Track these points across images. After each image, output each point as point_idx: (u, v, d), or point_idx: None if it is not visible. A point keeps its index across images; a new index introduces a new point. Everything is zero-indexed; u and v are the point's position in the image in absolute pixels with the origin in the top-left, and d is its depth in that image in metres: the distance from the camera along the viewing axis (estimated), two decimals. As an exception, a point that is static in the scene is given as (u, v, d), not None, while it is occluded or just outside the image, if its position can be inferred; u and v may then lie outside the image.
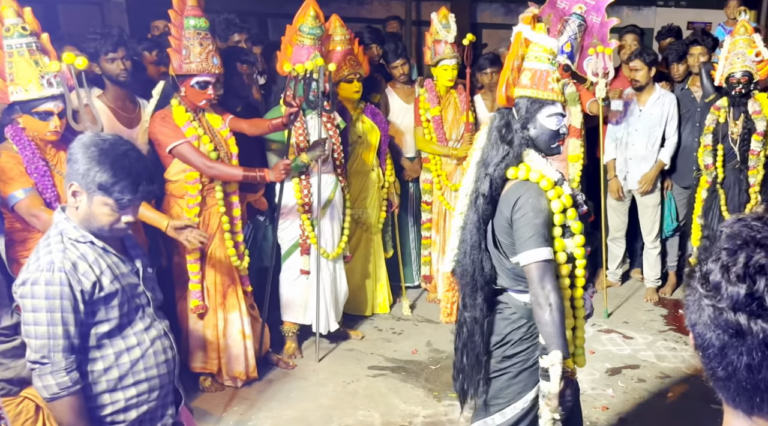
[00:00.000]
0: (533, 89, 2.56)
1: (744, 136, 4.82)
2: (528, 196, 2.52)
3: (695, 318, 1.05)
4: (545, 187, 2.53)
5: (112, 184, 2.21)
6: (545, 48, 2.58)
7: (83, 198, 2.24)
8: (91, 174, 2.20)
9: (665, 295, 5.77)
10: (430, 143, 5.34)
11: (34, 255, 2.24)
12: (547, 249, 2.48)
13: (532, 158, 2.59)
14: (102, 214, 2.25)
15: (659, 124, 5.42)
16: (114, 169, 2.21)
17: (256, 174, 4.04)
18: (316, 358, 4.70)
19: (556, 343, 2.45)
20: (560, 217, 2.54)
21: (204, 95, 3.98)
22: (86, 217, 2.26)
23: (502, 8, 10.01)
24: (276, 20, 10.10)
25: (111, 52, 4.03)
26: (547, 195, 2.53)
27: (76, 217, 2.28)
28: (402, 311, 5.43)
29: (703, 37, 5.48)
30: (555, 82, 2.56)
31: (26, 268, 2.21)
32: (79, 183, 2.22)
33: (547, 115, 2.56)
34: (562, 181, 2.61)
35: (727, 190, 4.99)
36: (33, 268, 2.19)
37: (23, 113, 3.23)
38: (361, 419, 4.07)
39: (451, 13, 5.20)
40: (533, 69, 2.57)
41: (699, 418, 4.09)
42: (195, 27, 3.90)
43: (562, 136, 2.61)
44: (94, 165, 2.19)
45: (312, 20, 4.34)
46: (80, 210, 2.26)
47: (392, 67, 5.46)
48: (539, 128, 2.57)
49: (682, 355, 4.83)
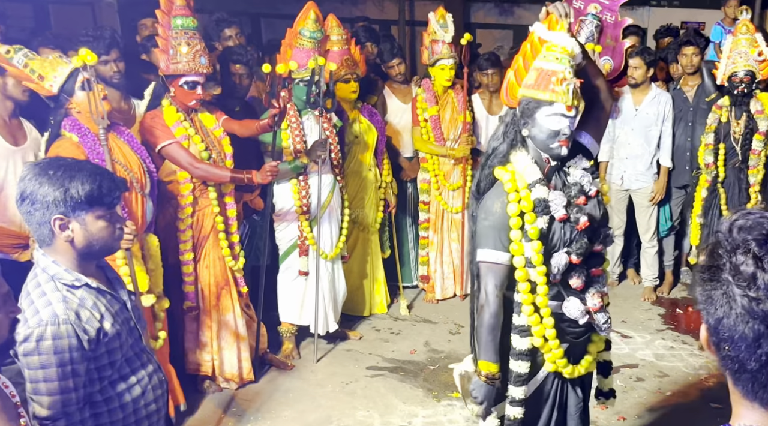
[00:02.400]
0: (534, 89, 2.50)
1: (746, 136, 4.82)
2: (489, 197, 2.55)
3: (723, 312, 1.04)
4: (508, 189, 2.50)
5: (98, 188, 2.05)
6: (560, 47, 2.50)
7: (75, 225, 2.05)
8: (72, 192, 2.01)
9: (663, 294, 5.77)
10: (427, 143, 5.33)
11: (29, 306, 2.03)
12: (489, 251, 2.51)
13: (517, 158, 2.55)
14: (101, 230, 2.10)
15: (655, 123, 5.43)
16: (88, 176, 2.05)
17: (243, 176, 4.02)
18: (314, 359, 4.68)
19: (481, 346, 2.55)
20: (517, 221, 2.49)
21: (193, 95, 3.96)
22: (87, 245, 2.09)
23: (496, 8, 10.02)
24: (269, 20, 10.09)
25: (104, 54, 4.01)
26: (507, 197, 2.50)
27: (68, 255, 2.09)
28: (400, 311, 5.42)
29: (696, 37, 5.49)
30: (559, 83, 2.46)
31: (24, 323, 1.99)
32: (61, 213, 2.02)
33: (547, 114, 2.48)
34: (536, 183, 2.51)
35: (727, 189, 4.99)
36: (34, 323, 2.00)
37: (70, 97, 3.40)
38: (360, 420, 4.05)
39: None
40: (540, 68, 2.51)
41: (697, 417, 4.09)
42: (182, 26, 3.87)
43: (563, 136, 2.50)
44: (67, 183, 2.01)
45: (313, 24, 4.32)
46: (77, 240, 2.07)
47: (388, 67, 5.44)
48: (537, 127, 2.51)
49: (680, 353, 4.83)
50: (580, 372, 2.72)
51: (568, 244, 2.54)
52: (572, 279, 2.57)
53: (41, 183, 2.00)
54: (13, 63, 3.37)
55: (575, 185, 2.57)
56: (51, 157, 2.15)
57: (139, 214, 3.59)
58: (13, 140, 3.64)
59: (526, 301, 2.55)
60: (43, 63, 3.40)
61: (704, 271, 1.09)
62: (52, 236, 2.06)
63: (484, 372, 2.57)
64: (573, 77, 2.48)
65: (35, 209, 2.02)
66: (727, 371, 1.10)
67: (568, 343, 2.66)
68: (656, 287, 5.80)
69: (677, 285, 5.95)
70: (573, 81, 2.46)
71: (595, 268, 2.65)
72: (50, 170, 2.02)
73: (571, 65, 2.49)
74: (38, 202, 2.01)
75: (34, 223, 2.05)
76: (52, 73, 3.38)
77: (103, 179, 2.07)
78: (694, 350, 4.87)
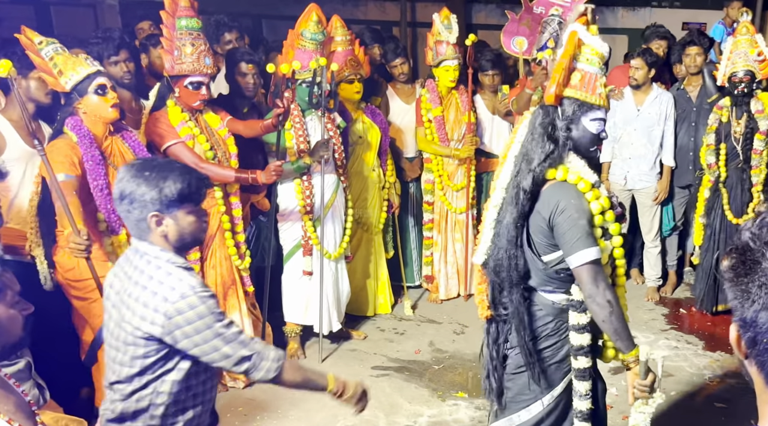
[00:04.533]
0: (582, 92, 2.55)
1: (747, 136, 4.84)
2: (569, 197, 2.51)
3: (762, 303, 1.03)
4: (584, 189, 2.52)
5: (188, 187, 2.19)
6: (596, 51, 2.56)
7: (168, 221, 2.19)
8: (165, 191, 2.15)
9: (666, 294, 5.78)
10: (431, 143, 5.34)
11: (159, 286, 2.14)
12: (595, 248, 2.48)
13: (571, 159, 2.59)
14: (191, 225, 2.23)
15: (657, 123, 5.44)
16: (179, 175, 2.19)
17: (247, 175, 4.04)
18: (319, 359, 4.69)
19: (625, 338, 2.53)
20: (599, 219, 2.54)
21: (198, 96, 3.97)
22: (179, 238, 2.23)
23: (498, 9, 10.02)
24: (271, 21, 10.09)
25: (113, 55, 4.04)
26: (585, 197, 2.53)
27: (168, 245, 2.22)
28: (404, 311, 5.43)
29: (699, 37, 5.50)
30: (602, 86, 2.55)
31: (165, 301, 2.11)
32: (157, 210, 2.16)
33: (591, 118, 2.56)
34: (599, 183, 2.59)
35: (729, 190, 5.01)
36: (177, 297, 2.12)
37: (81, 97, 3.44)
38: (365, 419, 4.05)
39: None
40: (583, 71, 2.56)
41: (702, 416, 4.10)
42: (186, 27, 3.89)
43: (601, 140, 2.62)
44: (163, 182, 2.15)
45: (315, 26, 4.33)
46: (170, 235, 2.21)
47: (392, 66, 5.46)
48: (582, 131, 2.57)
49: (684, 353, 4.84)
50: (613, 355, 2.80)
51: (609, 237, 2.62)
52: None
53: (138, 184, 2.15)
54: (41, 54, 3.42)
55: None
56: (144, 159, 2.36)
57: None
58: (32, 142, 3.66)
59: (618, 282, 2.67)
60: (68, 60, 3.44)
61: (735, 267, 1.08)
62: (148, 231, 2.20)
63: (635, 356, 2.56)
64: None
65: (133, 208, 2.17)
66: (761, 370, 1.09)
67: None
68: (659, 287, 5.81)
69: (680, 285, 5.96)
70: (609, 86, 2.58)
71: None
72: (146, 171, 2.17)
73: (604, 69, 2.59)
74: (136, 201, 2.16)
75: (132, 220, 2.20)
76: (71, 70, 3.42)
77: (192, 178, 2.22)
78: (698, 350, 4.89)
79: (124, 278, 2.23)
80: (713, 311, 5.31)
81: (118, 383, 2.23)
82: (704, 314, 5.37)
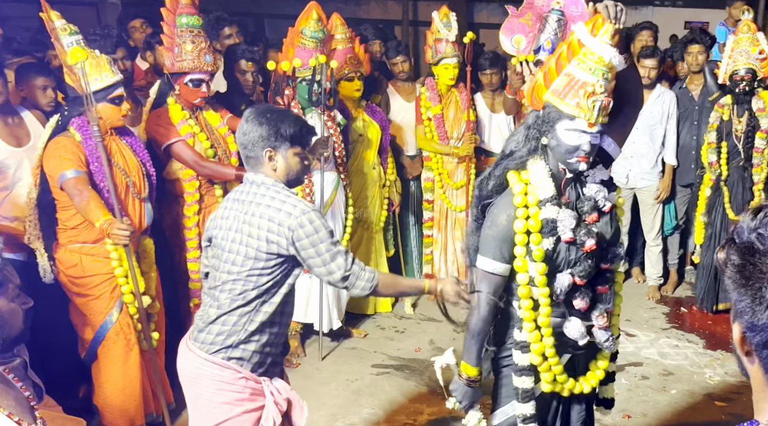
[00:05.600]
0: (558, 98, 2.34)
1: (748, 134, 4.84)
2: (497, 205, 2.46)
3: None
4: (517, 204, 2.39)
5: (299, 131, 2.57)
6: (596, 56, 2.30)
7: (278, 157, 2.56)
8: (282, 131, 2.53)
9: (667, 293, 5.78)
10: (431, 142, 5.34)
11: (282, 204, 2.48)
12: (488, 260, 2.46)
13: (534, 168, 2.43)
14: (296, 164, 2.60)
15: (660, 122, 5.43)
16: (293, 121, 2.59)
17: None
18: (319, 357, 4.69)
19: (466, 349, 2.55)
20: (522, 238, 2.39)
21: (198, 93, 3.97)
22: (285, 172, 2.58)
23: (500, 8, 10.01)
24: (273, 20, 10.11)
25: (111, 53, 4.03)
26: (515, 212, 2.40)
27: (276, 178, 2.57)
28: (404, 310, 5.42)
29: (701, 35, 5.49)
30: (586, 97, 2.28)
31: (289, 216, 2.45)
32: (271, 146, 2.53)
33: (566, 128, 2.33)
34: (552, 201, 2.39)
35: (730, 188, 5.00)
36: (300, 211, 2.46)
37: (98, 103, 3.38)
38: (365, 417, 4.06)
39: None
40: (572, 75, 2.33)
41: (702, 415, 4.09)
42: (187, 25, 3.89)
43: (582, 153, 2.34)
44: (280, 123, 2.53)
45: (315, 24, 4.33)
46: (279, 169, 2.57)
47: (392, 64, 5.46)
48: (556, 139, 2.37)
49: (685, 352, 4.83)
50: (582, 389, 2.62)
51: (572, 265, 2.44)
52: (576, 300, 2.47)
53: (261, 123, 2.54)
54: (62, 41, 3.35)
55: (589, 200, 2.45)
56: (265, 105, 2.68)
57: (136, 217, 3.60)
58: (16, 142, 3.65)
59: (527, 318, 2.47)
60: (92, 61, 3.38)
61: (743, 269, 1.06)
62: (261, 165, 2.57)
63: (465, 375, 2.57)
64: (603, 93, 2.31)
65: (253, 144, 2.54)
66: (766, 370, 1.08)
67: (570, 354, 2.59)
68: (661, 286, 5.80)
69: (681, 284, 5.96)
70: (601, 98, 2.29)
71: (601, 286, 2.54)
72: (267, 114, 2.57)
73: (606, 78, 2.31)
74: (257, 137, 2.53)
75: (251, 155, 2.56)
76: (96, 74, 3.37)
77: (304, 125, 2.64)
78: (698, 349, 4.88)
79: (243, 205, 2.54)
80: (714, 310, 5.31)
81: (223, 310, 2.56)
82: (705, 313, 5.36)
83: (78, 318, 3.63)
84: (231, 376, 2.57)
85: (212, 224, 2.65)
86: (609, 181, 2.54)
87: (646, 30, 5.81)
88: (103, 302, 3.54)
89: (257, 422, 2.63)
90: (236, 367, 2.56)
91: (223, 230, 2.57)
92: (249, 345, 2.56)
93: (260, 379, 2.62)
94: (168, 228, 4.14)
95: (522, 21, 4.98)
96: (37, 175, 3.45)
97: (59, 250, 3.55)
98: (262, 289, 2.52)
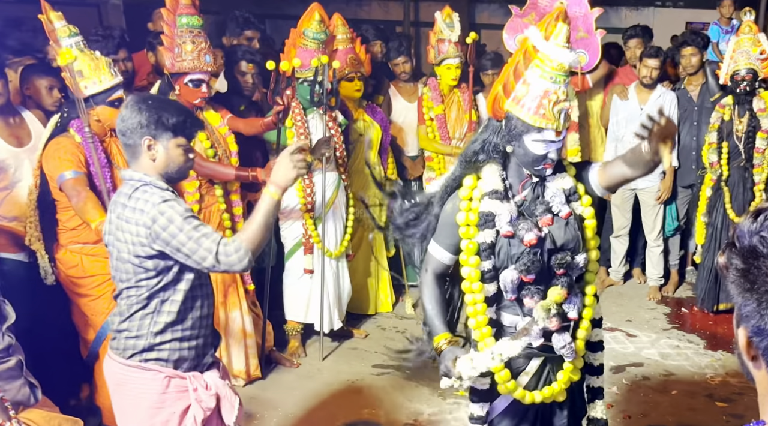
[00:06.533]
0: (524, 111, 2.29)
1: (749, 134, 4.84)
2: (450, 197, 2.49)
3: None
4: (462, 196, 2.43)
5: (183, 121, 2.46)
6: (556, 63, 2.26)
7: (158, 147, 2.44)
8: (163, 120, 2.41)
9: (668, 293, 5.78)
10: (433, 142, 5.34)
11: (140, 202, 2.38)
12: (436, 246, 2.52)
13: (486, 170, 2.42)
14: (178, 156, 2.47)
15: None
16: (176, 110, 2.47)
17: (248, 174, 4.03)
18: (320, 357, 4.69)
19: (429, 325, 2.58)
20: (466, 230, 2.41)
21: (198, 93, 3.98)
22: (165, 164, 2.46)
23: (501, 9, 10.00)
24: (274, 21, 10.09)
25: (112, 53, 4.04)
26: (459, 204, 2.43)
27: (154, 171, 2.46)
28: (405, 310, 5.42)
29: (692, 37, 5.48)
30: (551, 105, 2.26)
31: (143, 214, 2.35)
32: (150, 135, 2.41)
33: (533, 139, 2.31)
34: (492, 195, 2.38)
35: (731, 188, 5.00)
36: (149, 206, 2.36)
37: (96, 105, 3.38)
38: (366, 417, 4.06)
39: (449, 13, 5.20)
40: (531, 84, 2.29)
41: (703, 416, 4.09)
42: (187, 25, 3.89)
43: (549, 161, 2.35)
44: (162, 111, 2.42)
45: (317, 25, 4.33)
46: (158, 160, 2.45)
47: (394, 64, 5.47)
48: (523, 149, 2.35)
49: (685, 352, 4.83)
50: (544, 396, 2.51)
51: (514, 260, 2.38)
52: (525, 298, 2.42)
53: (141, 110, 2.41)
54: (61, 42, 3.34)
55: (543, 203, 2.42)
56: (146, 94, 2.57)
57: None
58: (17, 142, 3.66)
59: (471, 314, 2.46)
60: (91, 63, 3.36)
61: (747, 274, 1.05)
62: (139, 156, 2.45)
63: (439, 343, 2.49)
64: (566, 99, 2.30)
65: (131, 132, 2.42)
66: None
67: (541, 358, 2.51)
68: (661, 286, 5.80)
69: (682, 284, 5.96)
70: (566, 105, 2.29)
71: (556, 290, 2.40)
72: (148, 101, 2.46)
73: (566, 83, 2.29)
74: (136, 126, 2.41)
75: (128, 145, 2.45)
76: (94, 76, 3.36)
77: (188, 115, 2.53)
78: (699, 349, 4.88)
79: (117, 208, 2.45)
80: (715, 310, 5.31)
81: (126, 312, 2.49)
82: (706, 313, 5.36)
83: (80, 318, 3.63)
84: (152, 377, 2.51)
85: (104, 229, 2.55)
86: (571, 189, 2.46)
87: (634, 39, 5.79)
88: (104, 302, 3.54)
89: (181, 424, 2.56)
90: (157, 367, 2.50)
91: (111, 236, 2.48)
92: (162, 345, 2.50)
93: (185, 375, 2.54)
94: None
95: (525, 21, 5.00)
96: (38, 176, 3.46)
97: (60, 251, 3.56)
98: (154, 290, 2.45)
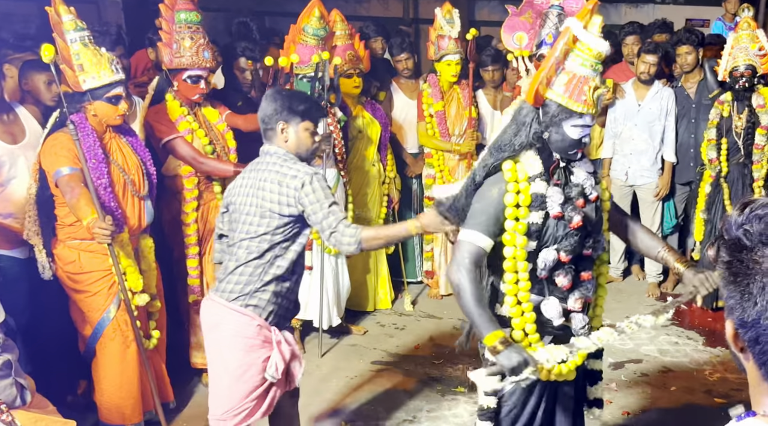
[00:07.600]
0: (566, 97, 2.40)
1: (748, 130, 4.84)
2: (488, 182, 2.49)
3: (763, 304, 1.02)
4: (508, 178, 2.46)
5: (309, 108, 2.93)
6: (592, 51, 2.38)
7: (290, 130, 2.89)
8: (293, 106, 2.88)
9: (667, 290, 5.77)
10: (432, 138, 5.34)
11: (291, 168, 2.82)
12: (474, 233, 2.46)
13: (524, 156, 2.49)
14: (306, 138, 2.93)
15: (659, 118, 5.43)
16: (303, 99, 2.99)
17: None
18: (318, 354, 4.69)
19: (477, 324, 2.41)
20: (513, 212, 2.45)
21: (197, 89, 3.97)
22: (296, 145, 2.91)
23: (500, 6, 9.97)
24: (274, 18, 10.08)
25: (109, 50, 4.01)
26: (506, 186, 2.46)
27: (287, 149, 2.90)
28: (404, 307, 5.43)
29: (687, 34, 5.46)
30: (591, 91, 2.39)
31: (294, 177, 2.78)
32: (283, 119, 2.87)
33: (573, 124, 2.42)
34: (542, 177, 2.48)
35: (730, 185, 5.00)
36: (305, 173, 2.80)
37: (94, 100, 3.38)
38: (364, 414, 4.06)
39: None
40: (572, 73, 2.40)
41: (702, 412, 4.09)
42: (186, 21, 3.89)
43: (583, 145, 2.49)
44: (291, 100, 2.90)
45: (317, 21, 4.33)
46: (290, 141, 2.90)
47: (396, 61, 5.46)
48: (561, 135, 2.45)
49: (684, 349, 4.83)
50: (561, 373, 2.58)
51: (559, 241, 2.50)
52: (559, 277, 2.53)
53: (276, 97, 2.92)
54: (66, 36, 3.33)
55: (576, 186, 2.54)
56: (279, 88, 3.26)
57: (135, 216, 3.60)
58: (11, 139, 3.65)
59: (509, 292, 2.52)
60: (93, 58, 3.36)
61: (731, 266, 1.06)
62: (275, 137, 2.91)
63: (493, 343, 2.35)
64: (603, 85, 2.45)
65: (270, 113, 2.90)
66: (760, 367, 1.08)
67: (551, 337, 2.61)
68: (660, 283, 5.79)
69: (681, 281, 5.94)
70: (603, 91, 2.42)
71: (584, 272, 2.59)
72: (281, 92, 3.02)
73: (600, 71, 2.43)
74: (271, 109, 2.89)
75: (268, 128, 2.92)
76: (94, 72, 3.36)
77: (314, 103, 3.08)
78: (698, 346, 4.88)
79: (257, 173, 2.87)
80: (714, 307, 5.30)
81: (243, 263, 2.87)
82: (705, 310, 5.35)
83: (77, 314, 3.63)
84: (247, 322, 2.87)
85: (231, 192, 2.97)
86: (593, 173, 2.62)
87: (632, 36, 5.79)
88: (101, 299, 3.54)
89: (263, 370, 2.91)
90: (252, 314, 2.87)
91: (241, 196, 2.89)
92: (264, 294, 2.88)
93: (271, 327, 2.92)
94: (167, 224, 4.14)
95: (522, 19, 4.99)
96: (37, 171, 3.45)
97: (58, 246, 3.55)
98: (275, 245, 2.85)
